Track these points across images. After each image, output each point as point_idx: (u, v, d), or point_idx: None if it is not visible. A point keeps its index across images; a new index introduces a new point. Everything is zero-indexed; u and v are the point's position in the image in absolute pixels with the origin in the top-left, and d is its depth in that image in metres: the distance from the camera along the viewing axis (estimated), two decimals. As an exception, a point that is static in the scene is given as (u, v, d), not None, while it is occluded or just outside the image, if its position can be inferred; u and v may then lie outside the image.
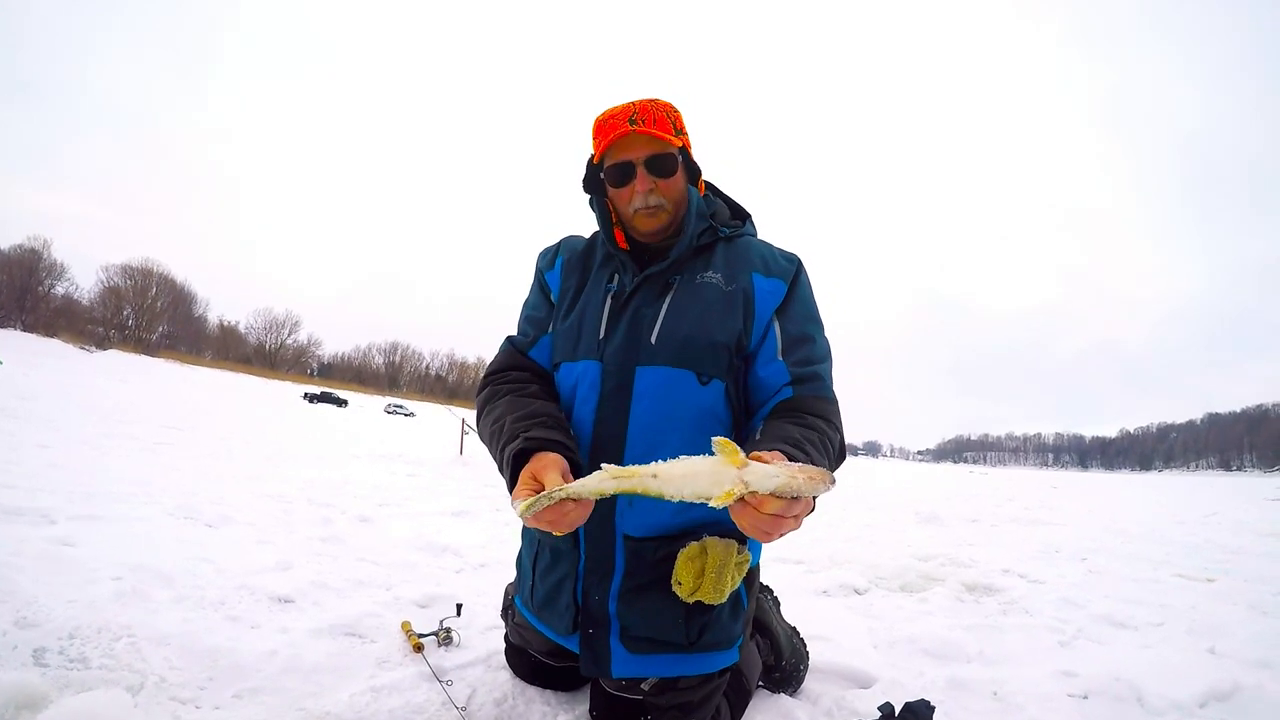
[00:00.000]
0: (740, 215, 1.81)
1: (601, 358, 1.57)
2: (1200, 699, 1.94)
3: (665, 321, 1.56)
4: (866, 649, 2.26)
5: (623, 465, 1.37)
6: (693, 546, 1.45)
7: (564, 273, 1.74)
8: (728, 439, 1.09)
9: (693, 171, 1.68)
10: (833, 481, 1.11)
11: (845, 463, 1.49)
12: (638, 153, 1.58)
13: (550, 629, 1.61)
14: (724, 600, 1.46)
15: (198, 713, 1.50)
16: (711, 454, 1.10)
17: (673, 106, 1.64)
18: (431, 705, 1.65)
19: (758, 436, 1.36)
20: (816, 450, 1.32)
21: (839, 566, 3.64)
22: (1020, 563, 4.25)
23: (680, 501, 1.41)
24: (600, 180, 1.67)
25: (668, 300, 1.59)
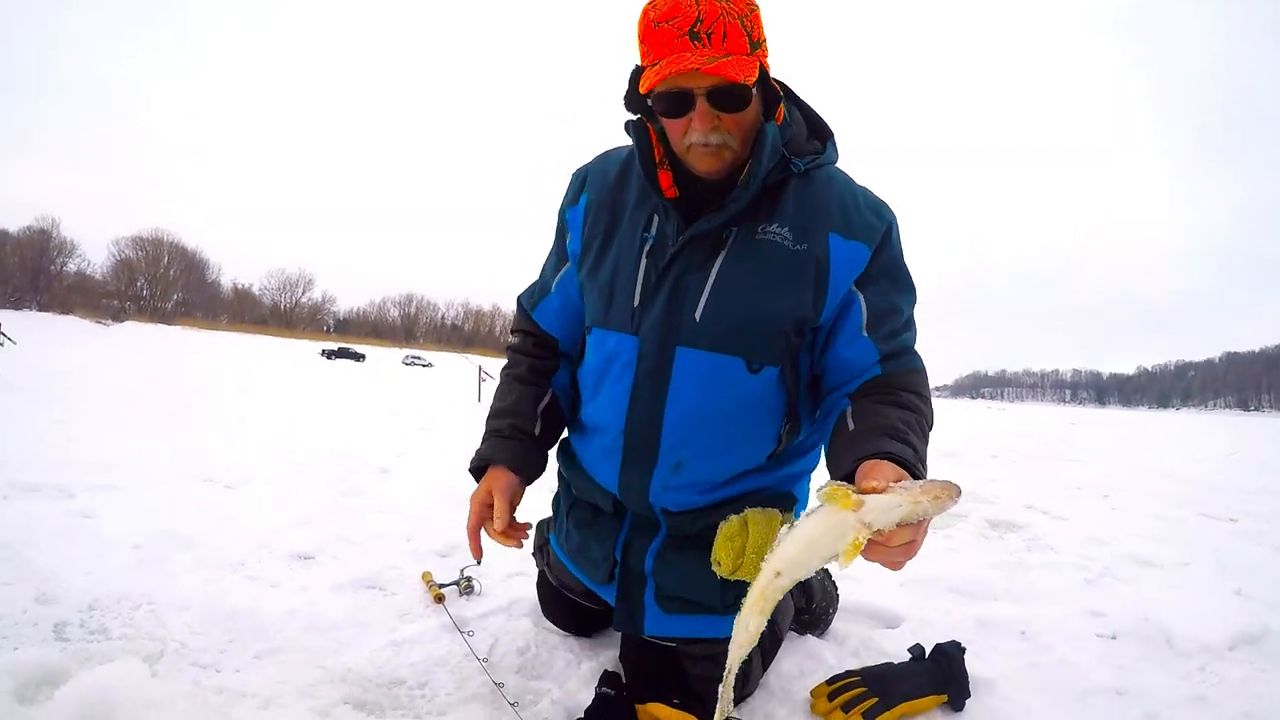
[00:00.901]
0: (821, 134, 1.43)
1: (637, 332, 1.36)
2: (1229, 642, 1.90)
3: (713, 293, 1.32)
4: (893, 588, 2.24)
5: (655, 453, 1.36)
6: (733, 523, 1.29)
7: (589, 215, 1.46)
8: (833, 485, 0.96)
9: (771, 98, 1.32)
10: (959, 493, 0.95)
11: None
12: (700, 80, 1.20)
13: (586, 575, 1.54)
14: None
15: (218, 676, 1.48)
16: (817, 502, 0.98)
17: (750, 2, 1.22)
18: (454, 657, 1.63)
19: (850, 422, 1.21)
20: (917, 435, 1.17)
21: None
22: (1043, 499, 4.21)
23: (722, 481, 1.38)
24: (646, 100, 1.28)
25: (718, 264, 1.32)
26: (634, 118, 1.36)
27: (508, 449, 1.47)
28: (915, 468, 1.07)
